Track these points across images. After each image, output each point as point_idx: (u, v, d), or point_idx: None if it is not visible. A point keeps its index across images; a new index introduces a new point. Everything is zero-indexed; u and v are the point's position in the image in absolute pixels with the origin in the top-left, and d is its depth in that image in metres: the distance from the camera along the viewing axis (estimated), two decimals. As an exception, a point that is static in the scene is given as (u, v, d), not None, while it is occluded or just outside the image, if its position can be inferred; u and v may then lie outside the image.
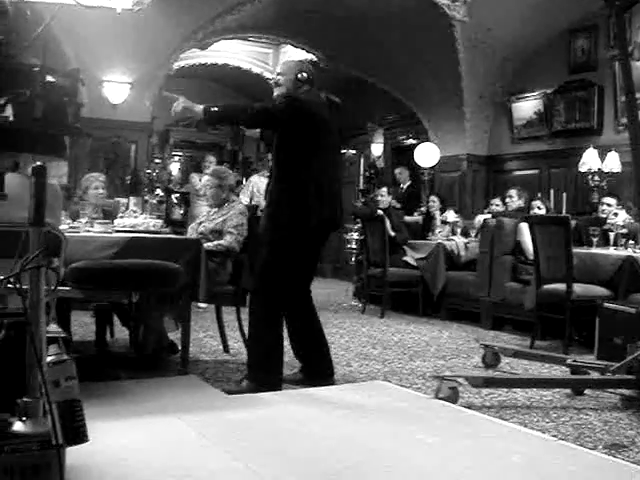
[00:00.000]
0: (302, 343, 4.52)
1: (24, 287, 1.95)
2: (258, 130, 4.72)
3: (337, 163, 4.66)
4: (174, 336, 5.18)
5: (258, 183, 9.06)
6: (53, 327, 2.09)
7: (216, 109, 4.17)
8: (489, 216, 7.71)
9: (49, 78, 2.18)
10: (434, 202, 9.00)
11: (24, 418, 1.97)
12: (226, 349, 5.42)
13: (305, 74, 4.40)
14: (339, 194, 4.51)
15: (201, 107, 4.18)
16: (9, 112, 2.12)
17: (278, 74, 4.48)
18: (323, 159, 4.34)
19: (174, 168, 13.97)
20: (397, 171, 10.65)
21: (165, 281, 4.23)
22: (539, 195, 7.99)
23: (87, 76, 2.39)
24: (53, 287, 2.02)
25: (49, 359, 1.88)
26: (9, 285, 1.95)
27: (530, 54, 9.57)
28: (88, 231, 4.70)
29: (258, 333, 4.30)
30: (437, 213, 8.82)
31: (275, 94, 4.43)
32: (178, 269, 4.27)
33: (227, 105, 4.37)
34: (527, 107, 9.62)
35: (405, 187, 10.40)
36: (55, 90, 2.17)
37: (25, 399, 2.00)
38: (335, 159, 4.60)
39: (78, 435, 1.86)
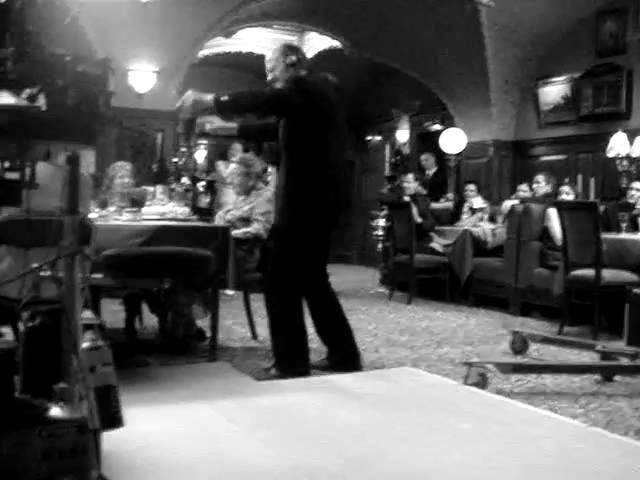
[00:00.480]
0: (325, 330, 4.52)
1: (59, 275, 1.97)
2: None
3: (346, 147, 4.61)
4: (202, 323, 5.22)
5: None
6: (87, 314, 2.12)
7: (226, 98, 4.09)
8: (516, 202, 7.66)
9: (80, 67, 2.20)
10: (472, 191, 8.90)
11: (60, 403, 2.00)
12: (254, 336, 5.44)
13: (293, 57, 4.35)
14: (349, 178, 4.48)
15: (211, 97, 4.10)
16: (41, 102, 2.14)
17: (271, 70, 4.41)
18: (336, 142, 4.31)
19: (199, 156, 13.98)
20: (423, 157, 10.60)
21: (197, 268, 4.26)
22: (567, 180, 7.92)
23: (113, 65, 2.42)
24: (87, 274, 2.04)
25: (85, 345, 1.91)
26: (44, 273, 1.98)
27: (557, 38, 9.47)
28: (116, 219, 4.74)
29: (278, 322, 4.31)
30: (474, 201, 8.71)
31: (269, 78, 4.41)
32: (209, 256, 4.29)
33: (237, 93, 4.20)
34: (554, 92, 9.52)
35: (431, 174, 10.35)
36: (86, 79, 2.18)
37: (61, 385, 2.03)
38: (345, 142, 4.56)
39: (114, 420, 1.89)
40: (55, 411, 1.99)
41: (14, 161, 2.38)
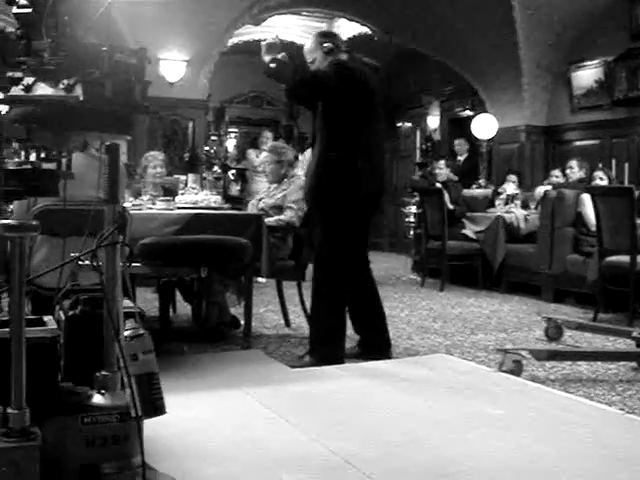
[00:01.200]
0: (361, 318, 4.52)
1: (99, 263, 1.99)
2: None
3: (383, 133, 4.60)
4: (235, 311, 5.25)
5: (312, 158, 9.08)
6: (127, 302, 2.14)
7: (274, 65, 4.10)
8: (549, 188, 7.59)
9: (117, 58, 2.21)
10: (514, 182, 8.82)
11: (102, 391, 2.03)
12: (287, 323, 5.46)
13: (327, 44, 4.33)
14: (383, 165, 4.47)
15: (269, 57, 4.13)
16: (79, 92, 2.15)
17: (312, 62, 4.38)
18: (372, 128, 4.29)
19: (230, 144, 14.03)
20: (456, 142, 10.52)
21: (234, 256, 4.28)
22: (600, 166, 7.83)
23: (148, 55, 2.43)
24: (127, 263, 2.06)
25: (126, 333, 1.93)
26: (85, 262, 2.00)
27: (590, 21, 9.33)
28: (150, 208, 4.77)
29: (321, 309, 4.31)
30: (506, 187, 8.61)
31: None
32: (246, 244, 4.30)
33: (285, 63, 4.13)
34: (587, 76, 9.41)
35: (462, 159, 10.30)
36: (123, 69, 2.19)
37: (103, 373, 2.06)
38: (381, 129, 4.54)
39: (156, 407, 1.91)
40: (97, 399, 2.02)
41: (50, 151, 2.40)
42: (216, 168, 9.52)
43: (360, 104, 4.21)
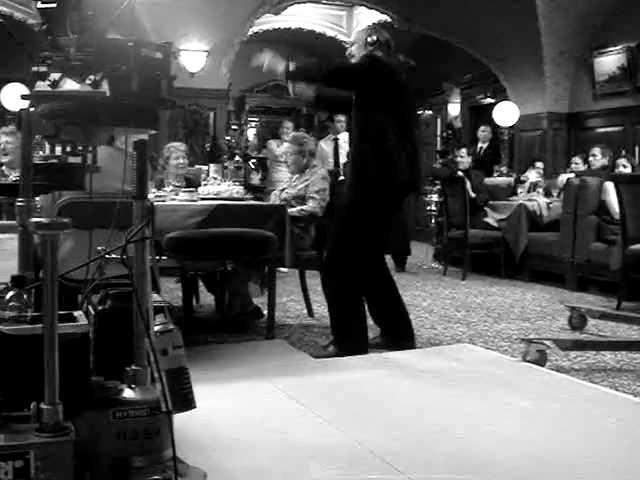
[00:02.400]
0: (381, 308, 4.52)
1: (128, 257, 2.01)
2: None
3: (415, 127, 4.61)
4: (258, 301, 5.27)
5: (325, 148, 9.12)
6: (156, 297, 2.16)
7: (294, 68, 4.21)
8: (572, 175, 7.55)
9: (143, 52, 2.22)
10: (538, 169, 8.75)
11: (133, 386, 2.05)
12: (310, 313, 5.48)
13: (374, 37, 4.34)
14: (419, 159, 4.47)
15: (282, 67, 4.22)
16: (105, 87, 2.17)
17: (351, 45, 4.46)
18: (402, 120, 4.28)
19: (250, 134, 14.05)
20: (481, 129, 10.43)
21: (260, 250, 4.29)
22: (624, 153, 7.78)
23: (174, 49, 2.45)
24: (155, 257, 2.07)
25: (156, 328, 1.94)
26: (114, 256, 2.02)
27: (612, 6, 9.23)
28: (173, 199, 4.78)
29: (337, 300, 4.32)
30: (529, 175, 8.56)
31: (347, 52, 4.47)
32: (273, 237, 4.32)
33: (306, 63, 4.27)
34: (609, 62, 9.32)
35: (485, 147, 10.24)
36: (149, 64, 2.20)
37: (133, 367, 2.07)
38: (413, 123, 4.56)
39: (186, 402, 1.92)
40: (128, 393, 2.04)
41: (76, 145, 2.42)
42: (237, 158, 9.53)
43: (387, 96, 4.21)
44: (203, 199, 4.82)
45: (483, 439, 2.87)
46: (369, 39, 4.34)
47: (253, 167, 11.57)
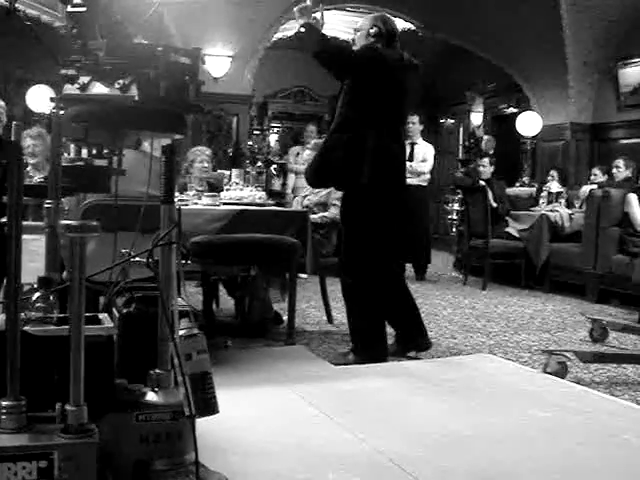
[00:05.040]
0: (395, 312, 4.50)
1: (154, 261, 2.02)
2: None
3: (402, 125, 4.55)
4: (278, 307, 5.28)
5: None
6: (181, 301, 2.16)
7: (321, 39, 4.15)
8: (595, 186, 7.51)
9: (171, 58, 2.23)
10: (553, 176, 8.70)
11: (156, 389, 2.06)
12: (330, 320, 5.48)
13: (376, 29, 4.32)
14: (401, 159, 4.41)
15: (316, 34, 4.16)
16: (134, 92, 2.18)
17: (355, 31, 4.43)
18: (388, 115, 4.25)
19: (272, 139, 14.09)
20: (486, 138, 10.40)
21: (285, 256, 4.31)
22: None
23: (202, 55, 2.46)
24: (183, 262, 2.08)
25: (181, 333, 1.95)
26: (140, 259, 2.03)
27: (637, 17, 9.18)
28: (196, 204, 4.81)
29: (355, 307, 4.32)
30: (551, 185, 8.50)
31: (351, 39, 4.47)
32: (296, 243, 4.33)
33: (327, 40, 4.21)
34: (635, 73, 9.26)
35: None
36: (178, 69, 2.22)
37: (157, 371, 2.08)
38: (401, 120, 4.51)
39: (209, 406, 1.93)
40: (151, 396, 2.05)
41: (102, 148, 2.44)
42: (259, 163, 9.56)
43: (378, 86, 4.17)
44: (225, 204, 4.84)
45: (502, 450, 2.86)
46: (371, 30, 4.32)
47: (275, 173, 11.59)
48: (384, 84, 4.20)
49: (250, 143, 9.61)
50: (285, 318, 4.80)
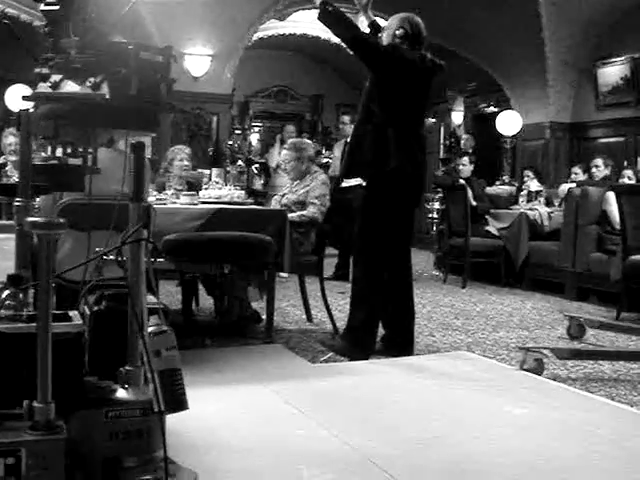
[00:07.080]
0: (392, 311, 4.52)
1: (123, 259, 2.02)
2: None
3: (421, 124, 4.65)
4: (257, 305, 5.27)
5: (336, 153, 9.13)
6: (151, 298, 2.16)
7: (330, 10, 4.27)
8: (574, 185, 7.55)
9: (143, 55, 2.23)
10: (528, 176, 8.75)
11: (126, 386, 2.06)
12: (309, 318, 5.48)
13: (403, 30, 4.41)
14: (422, 155, 4.55)
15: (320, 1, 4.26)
16: (105, 90, 2.18)
17: (383, 30, 4.54)
18: (407, 111, 4.36)
19: (253, 139, 14.07)
20: (464, 137, 10.44)
21: (258, 253, 4.31)
22: (626, 164, 7.78)
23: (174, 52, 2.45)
24: (151, 259, 2.08)
25: (150, 329, 1.95)
26: (110, 257, 2.03)
27: (616, 17, 9.23)
28: (174, 203, 4.79)
29: (361, 295, 4.39)
30: (530, 184, 8.55)
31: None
32: (270, 241, 4.33)
33: (342, 15, 4.34)
34: (613, 72, 9.33)
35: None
36: (149, 67, 2.21)
37: (127, 367, 2.08)
38: (420, 119, 4.61)
39: (178, 403, 1.93)
40: (121, 393, 2.05)
41: (76, 147, 2.43)
42: (240, 162, 9.55)
43: (397, 83, 4.29)
44: (203, 203, 4.82)
45: (479, 447, 2.88)
46: (397, 32, 4.41)
47: (256, 172, 11.57)
48: (404, 84, 4.31)
49: (230, 142, 9.59)
50: (264, 317, 4.79)
